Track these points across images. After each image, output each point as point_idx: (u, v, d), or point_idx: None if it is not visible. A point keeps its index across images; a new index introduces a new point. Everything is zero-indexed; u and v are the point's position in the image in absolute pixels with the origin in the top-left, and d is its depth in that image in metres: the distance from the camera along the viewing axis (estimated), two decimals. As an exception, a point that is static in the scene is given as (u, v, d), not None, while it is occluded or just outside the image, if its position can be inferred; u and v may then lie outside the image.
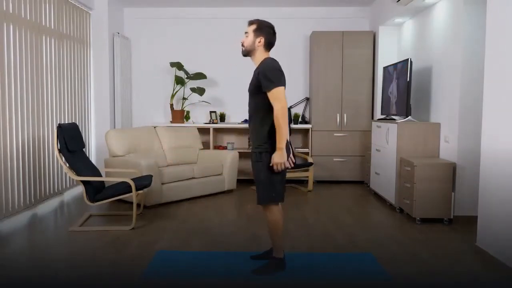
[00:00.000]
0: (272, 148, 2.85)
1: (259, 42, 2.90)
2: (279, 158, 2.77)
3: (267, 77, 2.77)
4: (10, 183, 4.39)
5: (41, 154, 4.99)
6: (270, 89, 2.76)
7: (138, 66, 7.08)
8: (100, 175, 4.43)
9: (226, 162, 5.73)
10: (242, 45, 2.94)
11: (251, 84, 2.93)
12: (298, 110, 7.01)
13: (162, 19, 7.01)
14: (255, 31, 2.90)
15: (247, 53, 2.95)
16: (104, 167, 5.24)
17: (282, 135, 2.76)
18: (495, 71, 3.31)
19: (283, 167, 2.80)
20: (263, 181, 2.90)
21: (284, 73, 2.91)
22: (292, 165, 2.92)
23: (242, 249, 3.52)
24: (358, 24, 6.92)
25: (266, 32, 2.90)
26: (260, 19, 2.97)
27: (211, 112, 6.78)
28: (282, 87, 2.78)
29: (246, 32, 2.94)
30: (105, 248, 3.52)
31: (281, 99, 2.75)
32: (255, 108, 2.91)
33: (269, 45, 2.93)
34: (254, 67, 3.00)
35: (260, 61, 2.91)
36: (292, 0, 6.51)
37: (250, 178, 6.64)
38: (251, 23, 2.93)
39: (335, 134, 6.49)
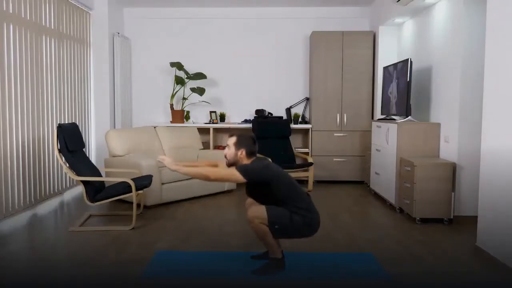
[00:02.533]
0: (305, 220, 2.92)
1: (240, 154, 2.99)
2: (169, 164, 2.92)
3: (242, 164, 2.92)
4: (10, 183, 4.39)
5: (41, 154, 4.99)
6: (236, 167, 2.87)
7: (138, 66, 7.08)
8: (100, 175, 4.43)
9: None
10: (225, 157, 3.05)
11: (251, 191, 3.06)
12: (298, 110, 7.00)
13: (162, 19, 7.01)
14: (235, 144, 3.01)
15: (231, 164, 3.05)
16: (104, 167, 5.24)
17: (184, 171, 2.88)
18: (495, 71, 3.31)
19: (166, 164, 2.93)
20: (283, 219, 2.90)
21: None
22: None
23: (242, 249, 3.52)
24: (358, 24, 6.91)
25: (245, 144, 3.00)
26: (239, 133, 3.08)
27: (211, 112, 6.78)
28: (238, 175, 2.83)
29: (227, 145, 3.05)
30: (105, 248, 3.52)
31: (217, 175, 2.85)
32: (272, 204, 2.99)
33: (251, 154, 3.02)
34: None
35: None
36: (292, 0, 6.51)
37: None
38: (231, 135, 3.06)
39: (335, 134, 6.49)
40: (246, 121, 6.82)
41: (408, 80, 4.82)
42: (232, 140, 3.04)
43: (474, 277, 2.98)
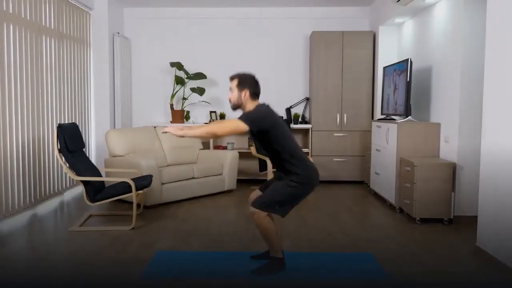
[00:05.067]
0: (301, 179, 2.91)
1: (244, 95, 2.95)
2: (175, 130, 2.79)
3: (244, 113, 2.87)
4: (10, 183, 4.39)
5: (41, 154, 4.99)
6: (239, 117, 2.82)
7: (138, 66, 7.08)
8: (100, 175, 4.43)
9: (226, 162, 5.73)
10: (230, 101, 3.02)
11: (252, 137, 3.03)
12: (298, 110, 7.01)
13: (162, 19, 7.01)
14: (238, 85, 2.96)
15: (236, 107, 3.01)
16: (104, 167, 5.24)
17: (191, 134, 2.79)
18: (495, 71, 3.31)
19: (171, 132, 2.81)
20: (278, 193, 2.91)
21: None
22: None
23: (242, 249, 3.52)
24: (358, 24, 6.92)
25: (248, 84, 2.96)
26: (240, 72, 3.03)
27: (211, 112, 6.78)
28: (243, 125, 2.78)
29: (230, 88, 3.01)
30: (105, 248, 3.52)
31: (224, 129, 2.77)
32: (270, 153, 2.98)
33: (254, 95, 2.98)
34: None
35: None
36: (292, 0, 6.51)
37: (250, 178, 6.64)
38: (232, 78, 3.00)
39: (335, 134, 6.49)
40: (246, 121, 6.81)
41: (408, 80, 4.82)
42: (234, 82, 2.97)
43: (474, 277, 2.98)
